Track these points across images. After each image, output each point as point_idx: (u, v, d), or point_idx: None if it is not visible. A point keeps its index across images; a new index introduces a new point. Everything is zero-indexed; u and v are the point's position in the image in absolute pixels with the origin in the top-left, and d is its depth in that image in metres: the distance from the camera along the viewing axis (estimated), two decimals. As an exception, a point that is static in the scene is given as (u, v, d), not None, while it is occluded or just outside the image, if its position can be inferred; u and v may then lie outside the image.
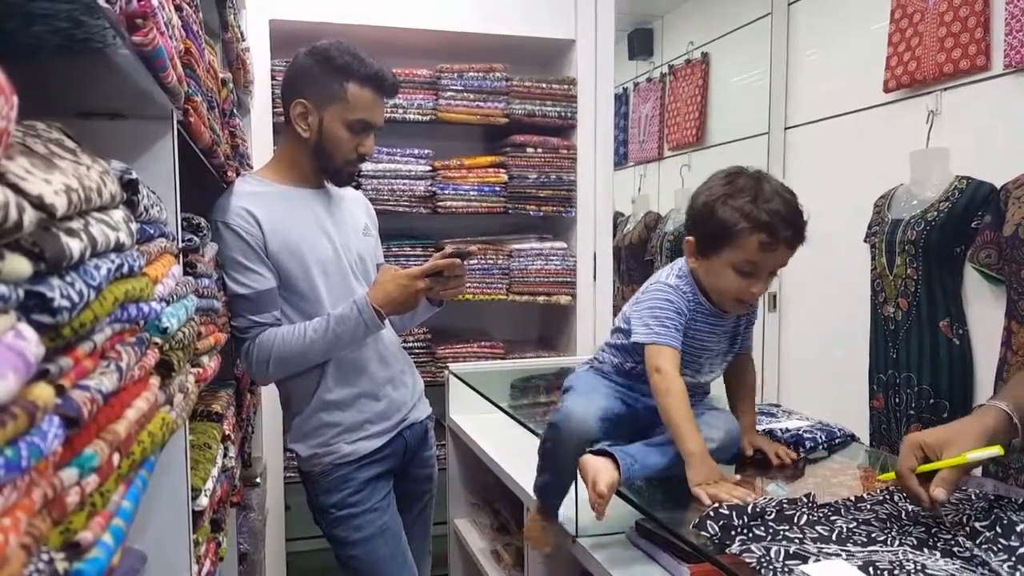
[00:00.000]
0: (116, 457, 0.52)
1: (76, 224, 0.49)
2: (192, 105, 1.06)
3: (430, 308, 1.84)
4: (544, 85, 2.69)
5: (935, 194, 2.19)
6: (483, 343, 2.71)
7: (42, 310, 0.42)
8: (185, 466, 0.99)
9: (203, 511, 1.04)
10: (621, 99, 4.13)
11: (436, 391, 2.37)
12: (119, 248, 0.57)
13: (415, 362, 1.97)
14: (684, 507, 1.36)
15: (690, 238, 1.32)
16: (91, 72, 0.87)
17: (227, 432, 1.34)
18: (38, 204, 0.43)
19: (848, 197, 2.60)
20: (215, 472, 1.14)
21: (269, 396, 2.29)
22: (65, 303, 0.44)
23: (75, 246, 0.47)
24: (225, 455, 1.31)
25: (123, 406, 0.57)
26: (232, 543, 1.65)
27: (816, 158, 2.86)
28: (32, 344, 0.37)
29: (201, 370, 1.05)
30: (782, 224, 1.22)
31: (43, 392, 0.38)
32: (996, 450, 1.06)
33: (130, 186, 0.73)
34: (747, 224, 1.22)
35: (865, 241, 2.43)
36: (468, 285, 2.64)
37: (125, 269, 0.57)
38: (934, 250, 2.15)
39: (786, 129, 2.96)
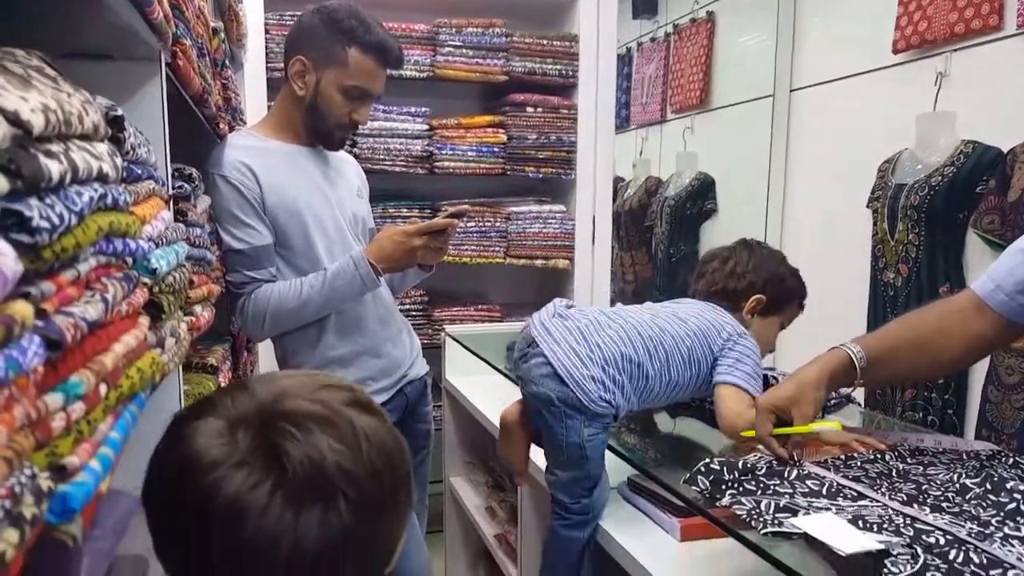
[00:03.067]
0: (103, 388, 0.52)
1: (56, 147, 0.48)
2: (181, 48, 1.04)
3: (419, 272, 1.84)
4: (545, 42, 2.65)
5: (940, 159, 2.17)
6: (480, 306, 2.71)
7: (20, 229, 0.41)
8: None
9: (197, 459, 1.04)
10: (624, 60, 4.07)
11: (432, 353, 2.37)
12: (102, 178, 0.55)
13: (412, 324, 1.97)
14: (675, 463, 1.37)
15: (762, 296, 1.43)
16: (76, 10, 0.85)
17: (222, 383, 1.34)
18: (13, 120, 0.42)
19: (852, 162, 2.57)
20: (209, 421, 1.13)
21: (266, 355, 2.29)
22: (44, 224, 0.43)
23: (54, 168, 0.45)
24: (220, 407, 1.31)
25: (110, 339, 0.56)
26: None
27: (821, 122, 2.82)
28: (9, 259, 0.36)
29: (194, 319, 1.04)
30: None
31: (21, 308, 0.38)
32: (835, 425, 1.26)
33: (115, 123, 0.72)
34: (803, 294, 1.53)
35: (867, 206, 2.41)
36: (465, 247, 2.63)
37: (109, 200, 0.56)
38: (937, 215, 2.13)
39: (791, 91, 2.92)
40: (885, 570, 0.86)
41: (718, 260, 1.46)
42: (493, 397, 2.09)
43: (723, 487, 1.10)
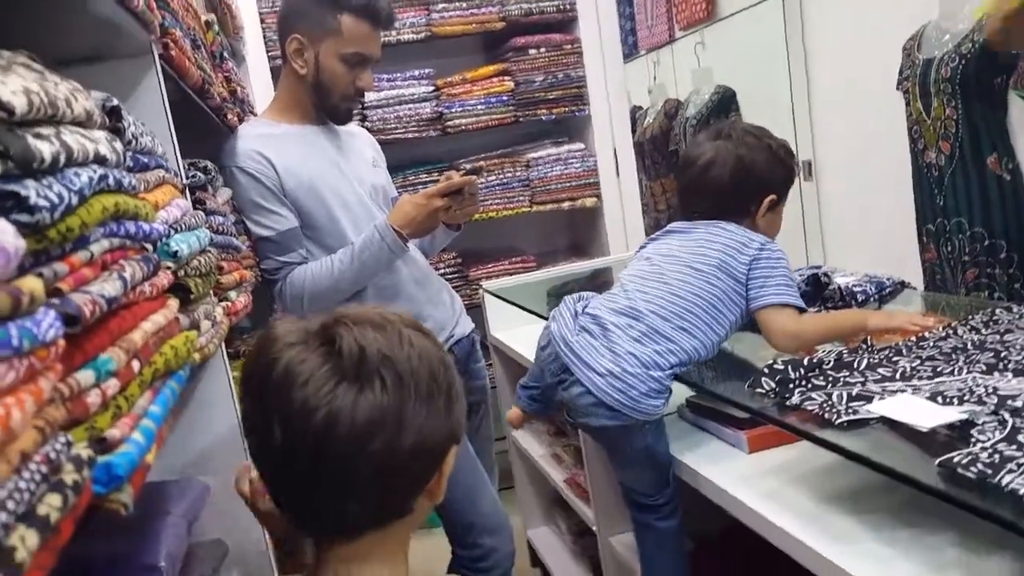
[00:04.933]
0: (136, 364, 0.52)
1: (46, 130, 0.48)
2: (171, 38, 1.03)
3: (448, 233, 1.83)
4: (538, -20, 2.58)
5: (968, 25, 2.05)
6: (514, 259, 2.69)
7: (20, 210, 0.41)
8: (231, 397, 1.01)
9: (257, 438, 1.06)
10: (622, -14, 3.96)
11: (474, 313, 2.37)
12: (101, 160, 0.55)
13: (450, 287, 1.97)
14: (731, 376, 1.35)
15: (774, 195, 1.34)
16: (58, 12, 0.85)
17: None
18: (-7, 103, 0.41)
19: (875, 46, 2.46)
20: (264, 402, 1.15)
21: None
22: (43, 202, 0.43)
23: (45, 148, 0.45)
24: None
25: (137, 319, 0.56)
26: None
27: (836, 10, 2.70)
28: (8, 234, 0.36)
29: (230, 304, 1.06)
30: None
31: (31, 282, 0.38)
32: None
33: (113, 112, 0.72)
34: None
35: (897, 88, 2.31)
36: (490, 202, 2.61)
37: (111, 181, 0.56)
38: (972, 85, 2.03)
39: (802, -16, 2.81)
40: (973, 440, 0.83)
41: (703, 167, 1.33)
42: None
43: (790, 386, 1.08)
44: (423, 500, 0.69)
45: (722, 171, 1.32)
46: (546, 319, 1.95)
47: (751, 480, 1.19)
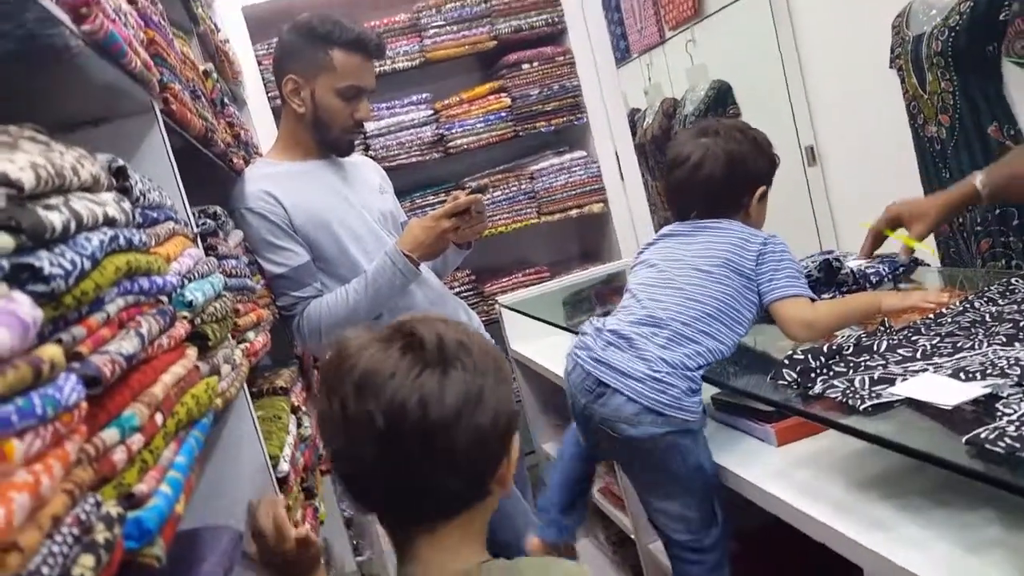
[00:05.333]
0: (159, 417, 0.54)
1: (54, 200, 0.49)
2: (171, 93, 1.06)
3: (460, 252, 1.85)
4: (524, -3, 2.61)
5: (953, -2, 2.05)
6: (527, 271, 2.70)
7: (35, 280, 0.43)
8: (257, 437, 1.02)
9: (286, 477, 1.08)
10: (609, -7, 3.98)
11: (492, 328, 2.38)
12: (111, 223, 0.57)
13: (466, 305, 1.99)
14: (755, 371, 1.35)
15: (764, 187, 1.36)
16: (61, 82, 0.87)
17: (295, 404, 1.38)
18: (3, 181, 0.43)
19: (864, 27, 2.46)
20: (290, 440, 1.17)
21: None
22: (57, 271, 0.44)
23: (56, 219, 0.47)
24: (299, 425, 1.34)
25: (157, 372, 0.58)
26: (333, 510, 1.72)
27: (823, -2, 2.71)
28: (25, 305, 0.38)
29: (249, 345, 1.07)
30: None
31: (51, 350, 0.39)
32: (928, 250, 1.46)
33: (120, 173, 0.74)
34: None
35: (891, 67, 2.30)
36: (498, 217, 2.63)
37: (122, 241, 0.57)
38: (965, 56, 2.02)
39: (786, -27, 2.81)
40: (999, 413, 0.83)
41: (692, 166, 1.34)
42: (559, 353, 2.09)
43: (812, 375, 1.07)
44: (495, 486, 0.74)
45: (714, 168, 1.32)
46: (564, 328, 1.97)
47: (783, 474, 1.19)
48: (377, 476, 0.69)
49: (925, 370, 1.00)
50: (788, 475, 1.17)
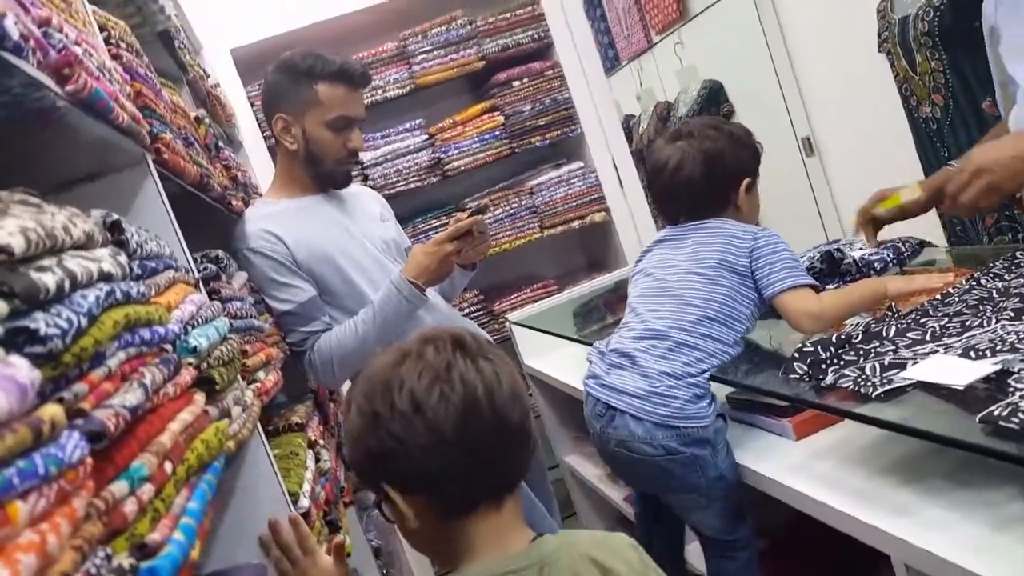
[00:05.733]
0: (168, 465, 0.54)
1: (47, 261, 0.50)
2: (163, 143, 1.07)
3: (465, 273, 1.85)
4: (508, 15, 2.63)
5: (935, -23, 2.05)
6: (535, 285, 2.70)
7: (32, 342, 0.44)
8: (275, 475, 1.03)
9: (307, 512, 1.08)
10: (593, 2, 4.01)
11: (504, 346, 2.39)
12: (107, 278, 0.58)
13: (477, 324, 1.99)
14: (767, 367, 1.34)
15: (748, 178, 1.36)
16: (54, 141, 0.89)
17: (312, 438, 1.38)
18: (-6, 248, 0.44)
19: (849, 14, 2.46)
20: (309, 475, 1.17)
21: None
22: (54, 331, 0.45)
23: (49, 280, 0.48)
24: (318, 460, 1.35)
25: (165, 420, 0.59)
26: (360, 540, 1.71)
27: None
28: (22, 369, 0.39)
29: (259, 384, 1.08)
30: None
31: (50, 409, 0.40)
32: (917, 189, 1.38)
33: (115, 227, 0.75)
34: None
35: (879, 51, 2.30)
36: (501, 235, 2.64)
37: (119, 295, 0.58)
38: (951, 33, 2.01)
39: (766, -31, 2.82)
40: (1011, 389, 0.82)
41: (672, 170, 1.35)
42: (573, 366, 2.09)
43: (823, 366, 1.07)
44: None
45: (692, 170, 1.33)
46: (576, 340, 1.97)
47: (803, 467, 1.18)
48: (455, 458, 0.76)
49: (935, 352, 0.99)
50: (808, 468, 1.16)
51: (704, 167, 1.32)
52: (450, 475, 0.76)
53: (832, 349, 1.10)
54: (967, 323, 1.04)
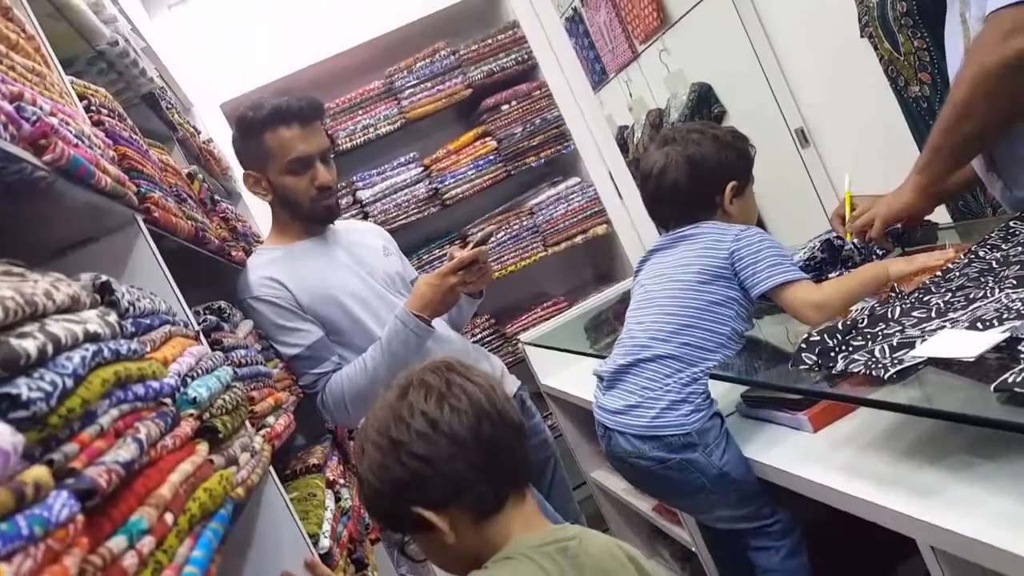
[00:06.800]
0: (169, 517, 0.54)
1: (29, 328, 0.51)
2: (152, 202, 1.09)
3: (472, 301, 1.85)
4: (490, 41, 2.66)
5: (908, -44, 2.05)
6: (545, 304, 2.70)
7: (15, 407, 0.44)
8: (292, 518, 1.03)
9: (329, 552, 1.08)
10: (575, 19, 4.05)
11: (520, 368, 2.38)
12: (93, 338, 0.59)
13: (489, 350, 1.99)
14: (776, 362, 1.33)
15: (734, 181, 1.35)
16: (43, 210, 0.91)
17: (331, 478, 1.38)
18: (-30, 319, 0.45)
19: (827, 4, 2.47)
20: (328, 515, 1.17)
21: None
22: (37, 394, 0.46)
23: (30, 345, 0.48)
24: (338, 499, 1.35)
25: (164, 472, 0.59)
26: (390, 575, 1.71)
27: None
28: (4, 434, 0.39)
29: (269, 430, 1.08)
30: None
31: (34, 472, 0.40)
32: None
33: (104, 288, 0.76)
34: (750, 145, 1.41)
35: (862, 36, 2.30)
36: (506, 257, 2.64)
37: (106, 354, 0.59)
38: (931, 11, 2.01)
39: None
40: (1022, 355, 0.81)
41: (658, 175, 1.36)
42: (590, 381, 2.08)
43: (831, 354, 1.06)
44: None
45: (676, 174, 1.34)
46: (589, 355, 1.96)
47: (823, 458, 1.16)
48: (478, 460, 0.82)
49: (943, 327, 0.98)
50: (828, 459, 1.14)
51: (688, 171, 1.33)
52: (477, 477, 0.82)
53: (839, 336, 1.09)
54: (971, 296, 1.03)
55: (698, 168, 1.33)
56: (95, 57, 1.37)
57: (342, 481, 1.47)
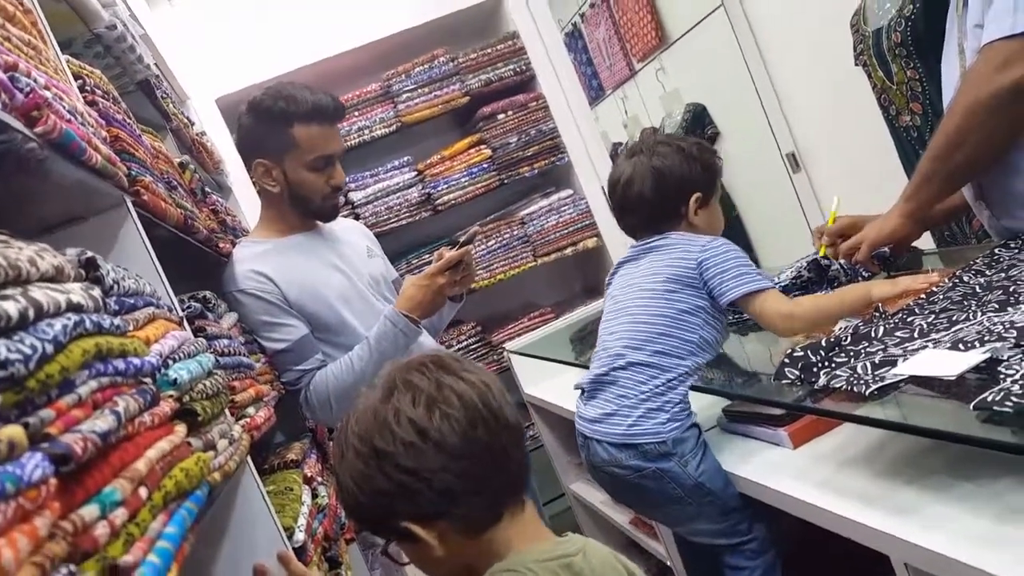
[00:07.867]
0: (143, 491, 0.54)
1: (11, 291, 0.50)
2: (142, 185, 1.08)
3: (453, 306, 1.85)
4: (489, 50, 2.67)
5: (904, -12, 2.09)
6: (532, 314, 2.71)
7: (-6, 368, 0.44)
8: (268, 510, 1.02)
9: (303, 546, 1.07)
10: (574, 34, 4.08)
11: (506, 377, 2.38)
12: (76, 308, 0.58)
13: (474, 358, 1.98)
14: (761, 381, 1.34)
15: (698, 193, 1.37)
16: (35, 185, 0.90)
17: (308, 475, 1.37)
18: (-47, 277, 0.44)
19: (824, 30, 2.50)
20: (304, 509, 1.16)
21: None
22: (15, 356, 0.45)
23: (11, 307, 0.48)
24: (315, 496, 1.34)
25: (141, 448, 0.58)
26: (363, 578, 1.69)
27: (780, 6, 2.76)
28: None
29: (249, 420, 1.08)
30: None
31: (9, 430, 0.40)
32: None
33: (90, 264, 0.75)
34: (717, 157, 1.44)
35: (856, 64, 2.33)
36: (495, 266, 2.65)
37: (88, 325, 0.58)
38: (925, 42, 2.04)
39: (740, -8, 2.88)
40: (1001, 375, 0.82)
41: (624, 185, 1.38)
42: (573, 392, 2.08)
43: (814, 370, 1.07)
44: None
45: (642, 185, 1.36)
46: (574, 365, 1.96)
47: (802, 475, 1.17)
48: (471, 470, 0.76)
49: (925, 347, 0.99)
50: (806, 474, 1.15)
51: (653, 182, 1.35)
52: (469, 489, 0.76)
53: (823, 352, 1.10)
54: (953, 318, 1.04)
55: (663, 179, 1.35)
56: (92, 40, 1.37)
57: (320, 479, 1.45)
